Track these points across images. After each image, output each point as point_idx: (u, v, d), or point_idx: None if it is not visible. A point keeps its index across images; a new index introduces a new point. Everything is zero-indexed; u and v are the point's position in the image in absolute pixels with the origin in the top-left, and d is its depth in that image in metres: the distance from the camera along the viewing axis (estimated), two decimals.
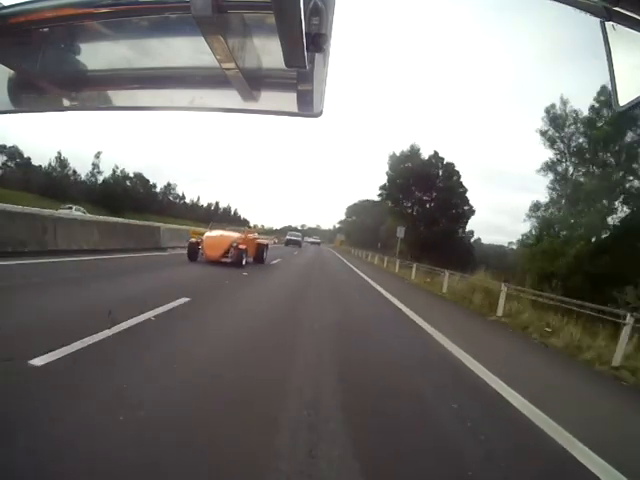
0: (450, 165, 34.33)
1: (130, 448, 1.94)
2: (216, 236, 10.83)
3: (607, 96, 18.42)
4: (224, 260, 10.31)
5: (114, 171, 42.55)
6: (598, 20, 0.59)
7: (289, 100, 0.69)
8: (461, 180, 34.12)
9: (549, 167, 21.77)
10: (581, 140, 20.48)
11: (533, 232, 22.05)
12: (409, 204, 34.79)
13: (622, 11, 0.54)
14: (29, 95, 0.79)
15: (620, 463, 2.50)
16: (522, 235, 24.24)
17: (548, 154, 21.93)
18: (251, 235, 12.53)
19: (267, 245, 13.65)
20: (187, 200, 61.54)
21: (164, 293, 5.57)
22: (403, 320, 6.68)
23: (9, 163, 39.48)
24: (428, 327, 6.02)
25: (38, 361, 2.66)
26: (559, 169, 21.46)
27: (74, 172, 40.30)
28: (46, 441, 1.87)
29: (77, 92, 0.78)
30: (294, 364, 3.54)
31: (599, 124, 18.89)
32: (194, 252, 10.52)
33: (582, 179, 20.02)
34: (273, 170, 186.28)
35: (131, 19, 0.66)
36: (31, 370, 2.55)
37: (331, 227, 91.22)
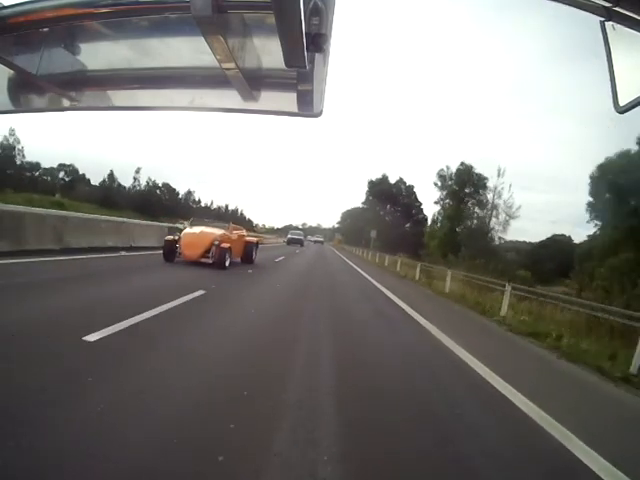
0: (410, 187, 51.03)
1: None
2: (195, 233, 9.44)
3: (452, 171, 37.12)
4: (204, 261, 8.97)
5: (147, 183, 51.98)
6: (598, 20, 0.59)
7: (289, 100, 0.69)
8: (417, 197, 50.22)
9: (437, 202, 38.82)
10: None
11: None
12: (382, 213, 49.43)
13: (622, 11, 0.54)
14: (29, 95, 0.79)
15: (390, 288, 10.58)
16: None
17: (437, 194, 38.40)
18: (237, 232, 11.00)
19: (257, 243, 12.11)
20: (202, 204, 67.82)
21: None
22: (350, 268, 17.92)
23: (65, 178, 48.46)
24: (359, 269, 16.84)
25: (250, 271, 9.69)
26: (443, 203, 38.13)
27: (119, 185, 49.42)
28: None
29: (77, 92, 0.78)
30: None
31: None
32: (171, 251, 9.06)
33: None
34: (273, 170, 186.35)
35: (131, 19, 0.66)
36: (249, 273, 9.47)
37: (331, 226, 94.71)
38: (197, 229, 9.73)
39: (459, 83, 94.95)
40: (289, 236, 40.46)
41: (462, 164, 33.20)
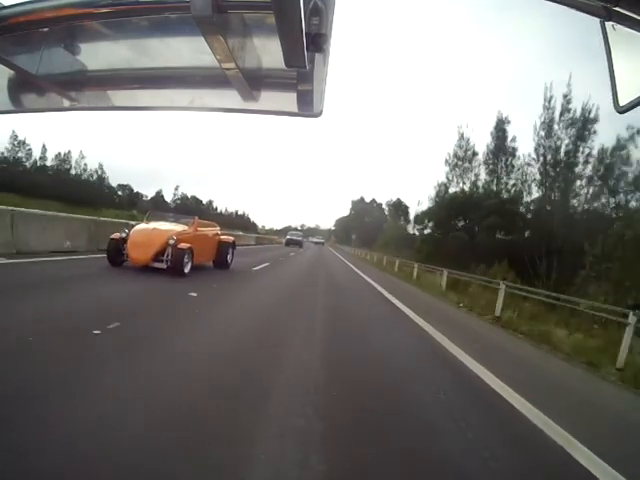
0: (379, 204, 67.56)
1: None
2: (146, 230, 7.62)
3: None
4: (157, 266, 7.12)
5: (182, 197, 67.53)
6: (598, 20, 0.59)
7: (289, 100, 0.69)
8: (384, 212, 63.80)
9: (387, 217, 56.47)
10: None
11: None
12: (362, 222, 65.72)
13: (622, 11, 0.54)
14: (29, 95, 0.79)
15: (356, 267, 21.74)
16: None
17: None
18: (205, 228, 9.13)
19: (233, 244, 9.96)
20: (217, 211, 76.84)
21: None
22: (334, 255, 33.71)
23: (120, 193, 60.57)
24: (340, 256, 31.78)
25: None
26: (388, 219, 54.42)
27: (162, 197, 64.10)
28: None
29: (77, 92, 0.78)
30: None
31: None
32: (117, 253, 7.26)
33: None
34: (273, 171, 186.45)
35: (131, 19, 0.66)
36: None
37: (329, 227, 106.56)
38: (151, 225, 7.95)
39: (458, 82, 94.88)
40: (288, 237, 39.98)
41: (397, 199, 52.60)
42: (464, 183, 24.92)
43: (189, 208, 59.09)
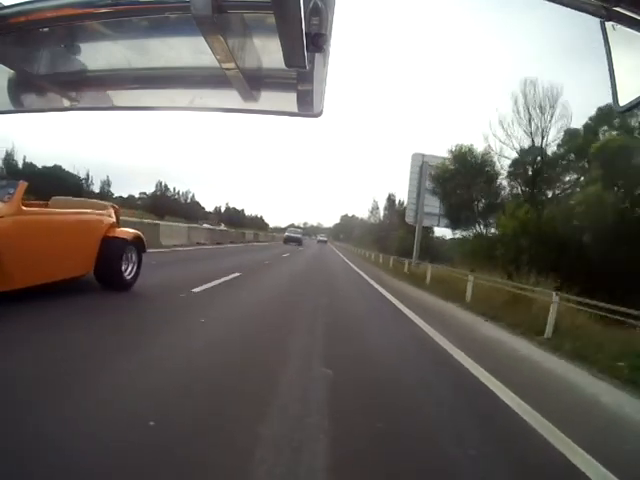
0: (357, 218, 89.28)
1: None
2: None
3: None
4: None
5: (227, 208, 77.53)
6: (598, 20, 0.59)
7: (289, 100, 0.69)
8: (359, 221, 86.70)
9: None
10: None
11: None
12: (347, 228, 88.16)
13: (622, 11, 0.54)
14: (29, 95, 0.80)
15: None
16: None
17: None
18: (61, 211, 4.25)
19: (138, 240, 4.96)
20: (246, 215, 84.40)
21: None
22: (330, 248, 42.25)
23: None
24: (334, 248, 44.97)
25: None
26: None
27: (219, 210, 72.11)
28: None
29: (77, 92, 0.78)
30: None
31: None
32: None
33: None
34: (274, 170, 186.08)
35: (131, 19, 0.66)
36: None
37: (330, 225, 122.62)
38: None
39: (458, 83, 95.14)
40: (286, 234, 37.49)
41: (361, 218, 71.22)
42: (374, 219, 53.78)
43: (234, 217, 64.48)
